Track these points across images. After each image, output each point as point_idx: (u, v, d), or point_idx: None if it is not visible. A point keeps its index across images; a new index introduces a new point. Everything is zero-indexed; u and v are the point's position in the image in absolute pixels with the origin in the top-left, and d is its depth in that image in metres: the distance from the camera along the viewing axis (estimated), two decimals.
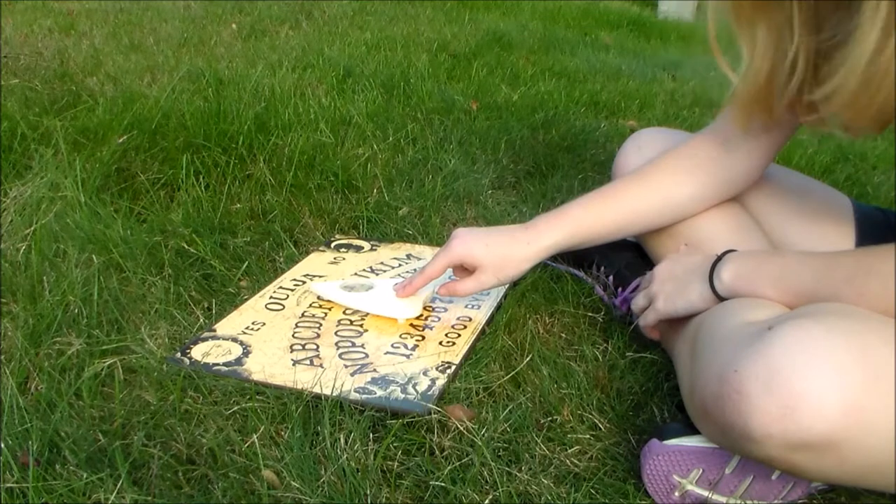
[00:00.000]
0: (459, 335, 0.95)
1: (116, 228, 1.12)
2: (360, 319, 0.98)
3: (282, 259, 1.14)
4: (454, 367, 0.87)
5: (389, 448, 0.74)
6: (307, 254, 1.16)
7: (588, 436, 0.78)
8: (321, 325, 0.96)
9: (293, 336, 0.93)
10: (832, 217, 0.92)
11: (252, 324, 0.95)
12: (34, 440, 0.71)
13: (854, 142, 1.91)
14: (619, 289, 1.02)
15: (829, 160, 1.77)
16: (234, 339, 0.91)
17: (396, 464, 0.72)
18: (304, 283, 1.06)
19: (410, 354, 0.90)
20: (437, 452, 0.74)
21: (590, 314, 1.01)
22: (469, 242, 0.90)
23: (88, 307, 0.93)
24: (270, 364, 0.86)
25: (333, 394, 0.80)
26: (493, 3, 3.76)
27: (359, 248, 1.20)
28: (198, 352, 0.88)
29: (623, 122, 1.98)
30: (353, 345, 0.92)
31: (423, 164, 1.51)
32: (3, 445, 0.70)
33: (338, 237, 1.23)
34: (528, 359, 0.89)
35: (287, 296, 1.03)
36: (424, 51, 2.51)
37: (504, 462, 0.74)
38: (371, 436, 0.75)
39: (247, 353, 0.88)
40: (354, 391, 0.81)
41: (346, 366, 0.87)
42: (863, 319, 0.59)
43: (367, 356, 0.89)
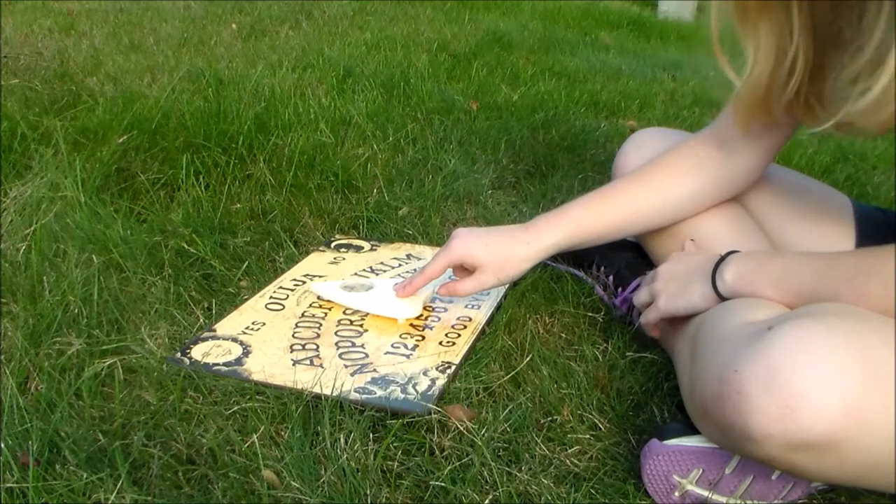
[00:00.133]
0: (459, 335, 0.95)
1: (116, 228, 1.12)
2: (360, 319, 0.98)
3: (282, 259, 1.14)
4: (454, 367, 0.87)
5: (389, 448, 0.74)
6: (307, 254, 1.16)
7: (588, 436, 0.78)
8: (321, 325, 0.96)
9: (293, 336, 0.93)
10: (832, 217, 0.92)
11: (252, 324, 0.95)
12: (34, 440, 0.71)
13: (854, 142, 1.91)
14: (619, 289, 1.02)
15: (829, 160, 1.77)
16: (234, 339, 0.91)
17: (396, 464, 0.72)
18: (304, 283, 1.06)
19: (410, 354, 0.90)
20: (437, 452, 0.74)
21: (590, 314, 1.01)
22: (469, 242, 0.90)
23: (88, 307, 0.93)
24: (270, 364, 0.86)
25: (333, 394, 0.80)
26: (493, 3, 3.76)
27: (359, 248, 1.20)
28: (198, 352, 0.88)
29: (623, 122, 1.98)
30: (353, 345, 0.92)
31: (423, 164, 1.51)
32: (3, 445, 0.70)
33: (338, 237, 1.23)
34: (528, 359, 0.89)
35: (287, 296, 1.03)
36: (424, 51, 2.51)
37: (504, 462, 0.74)
38: (371, 436, 0.75)
39: (247, 353, 0.88)
40: (354, 391, 0.81)
41: (346, 366, 0.87)
42: (863, 319, 0.59)
43: (367, 356, 0.89)
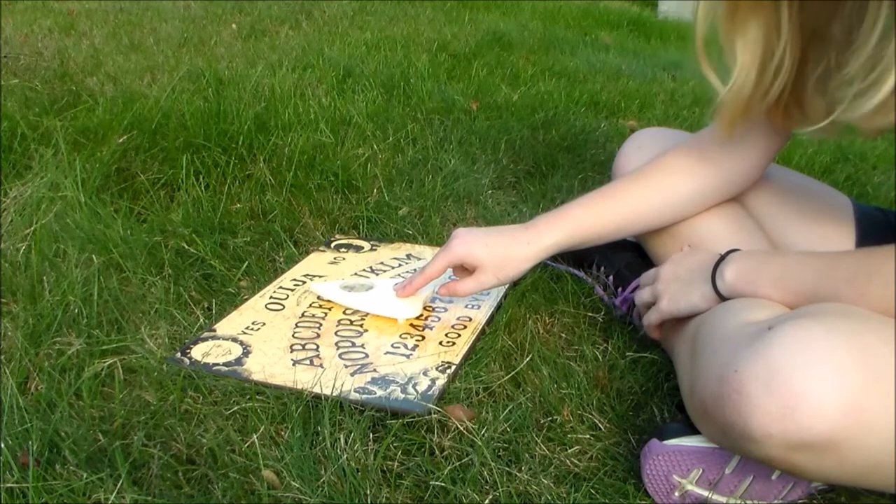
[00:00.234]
0: (459, 335, 0.95)
1: (116, 228, 1.12)
2: (360, 319, 0.98)
3: (282, 259, 1.14)
4: (454, 367, 0.87)
5: (389, 448, 0.74)
6: (307, 254, 1.16)
7: (588, 436, 0.78)
8: (321, 325, 0.96)
9: (293, 336, 0.93)
10: (832, 217, 0.92)
11: (252, 324, 0.95)
12: (34, 440, 0.71)
13: (854, 142, 1.91)
14: (619, 289, 1.02)
15: (829, 160, 1.77)
16: (234, 339, 0.91)
17: (396, 464, 0.72)
18: (304, 283, 1.06)
19: (410, 354, 0.90)
20: (437, 452, 0.74)
21: (590, 314, 1.01)
22: (469, 242, 0.90)
23: (88, 307, 0.93)
24: (270, 364, 0.86)
25: (333, 394, 0.80)
26: (493, 3, 3.76)
27: (359, 248, 1.20)
28: (198, 352, 0.88)
29: (623, 122, 1.98)
30: (353, 345, 0.92)
31: (423, 164, 1.51)
32: (3, 445, 0.70)
33: (338, 237, 1.23)
34: (528, 359, 0.89)
35: (287, 296, 1.03)
36: (424, 51, 2.50)
37: (504, 462, 0.74)
38: (371, 436, 0.75)
39: (247, 353, 0.88)
40: (354, 391, 0.81)
41: (346, 366, 0.87)
42: (863, 319, 0.59)
43: (367, 356, 0.89)
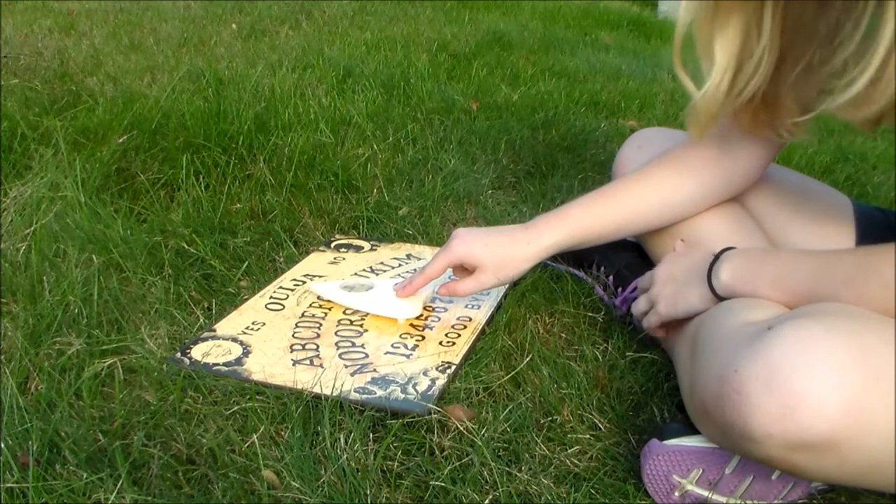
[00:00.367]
0: (459, 335, 0.95)
1: (116, 228, 1.12)
2: (360, 319, 0.98)
3: (282, 259, 1.14)
4: (454, 367, 0.87)
5: (389, 448, 0.74)
6: (307, 254, 1.16)
7: (588, 436, 0.78)
8: (321, 325, 0.96)
9: (293, 336, 0.93)
10: (832, 217, 0.92)
11: (252, 324, 0.95)
12: (34, 440, 0.71)
13: (854, 141, 1.91)
14: (619, 289, 1.02)
15: (829, 160, 1.77)
16: (234, 339, 0.91)
17: (396, 464, 0.72)
18: (304, 283, 1.06)
19: (410, 354, 0.90)
20: (437, 452, 0.74)
21: (590, 314, 1.01)
22: (469, 242, 0.90)
23: (88, 307, 0.93)
24: (270, 364, 0.86)
25: (333, 394, 0.80)
26: (493, 3, 3.76)
27: (359, 248, 1.20)
28: (198, 352, 0.88)
29: (623, 122, 1.98)
30: (353, 345, 0.92)
31: (423, 164, 1.51)
32: (3, 445, 0.70)
33: (338, 237, 1.23)
34: (528, 359, 0.89)
35: (287, 296, 1.03)
36: (424, 51, 2.50)
37: (504, 462, 0.74)
38: (371, 436, 0.75)
39: (247, 353, 0.88)
40: (354, 391, 0.81)
41: (346, 366, 0.87)
42: (863, 319, 0.59)
43: (367, 356, 0.89)
